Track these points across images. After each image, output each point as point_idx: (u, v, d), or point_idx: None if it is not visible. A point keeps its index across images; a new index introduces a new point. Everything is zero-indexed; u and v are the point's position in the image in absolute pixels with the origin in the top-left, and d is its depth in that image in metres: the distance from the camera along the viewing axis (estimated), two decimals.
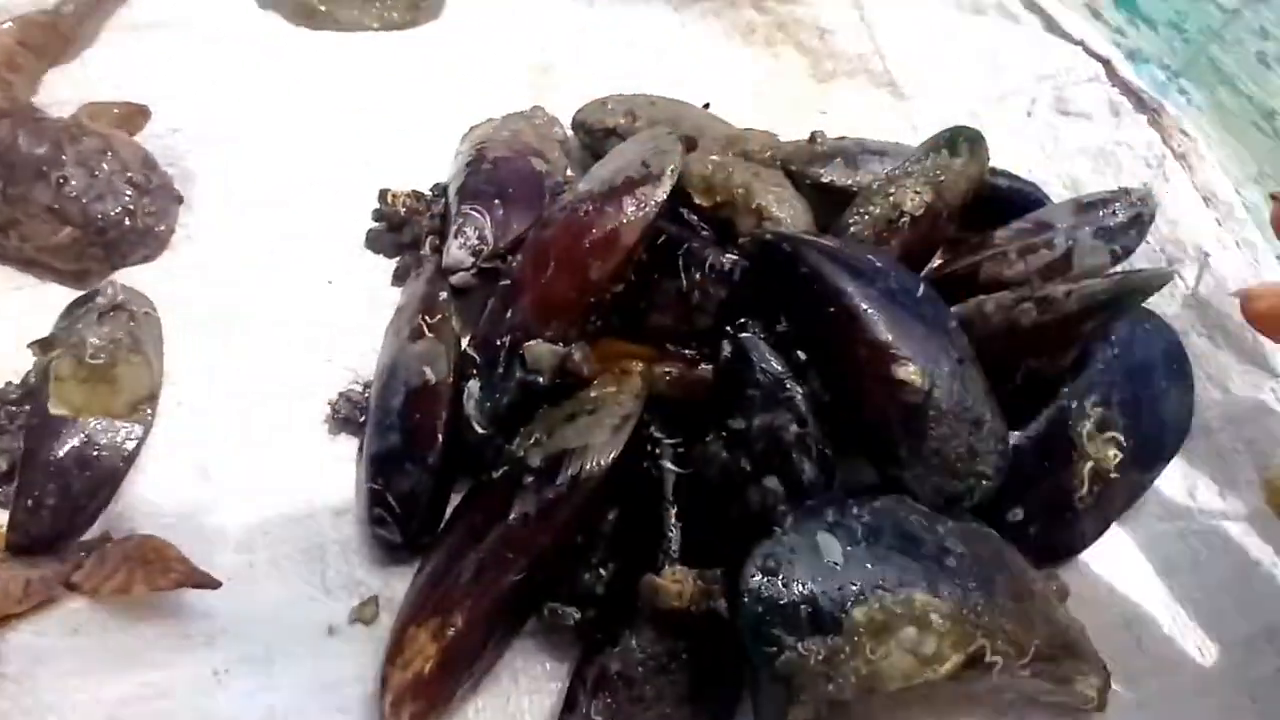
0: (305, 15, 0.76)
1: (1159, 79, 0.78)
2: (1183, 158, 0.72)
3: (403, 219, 0.64)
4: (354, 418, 0.59)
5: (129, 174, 0.64)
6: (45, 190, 0.62)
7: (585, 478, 0.49)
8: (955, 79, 0.75)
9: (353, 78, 0.74)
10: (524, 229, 0.60)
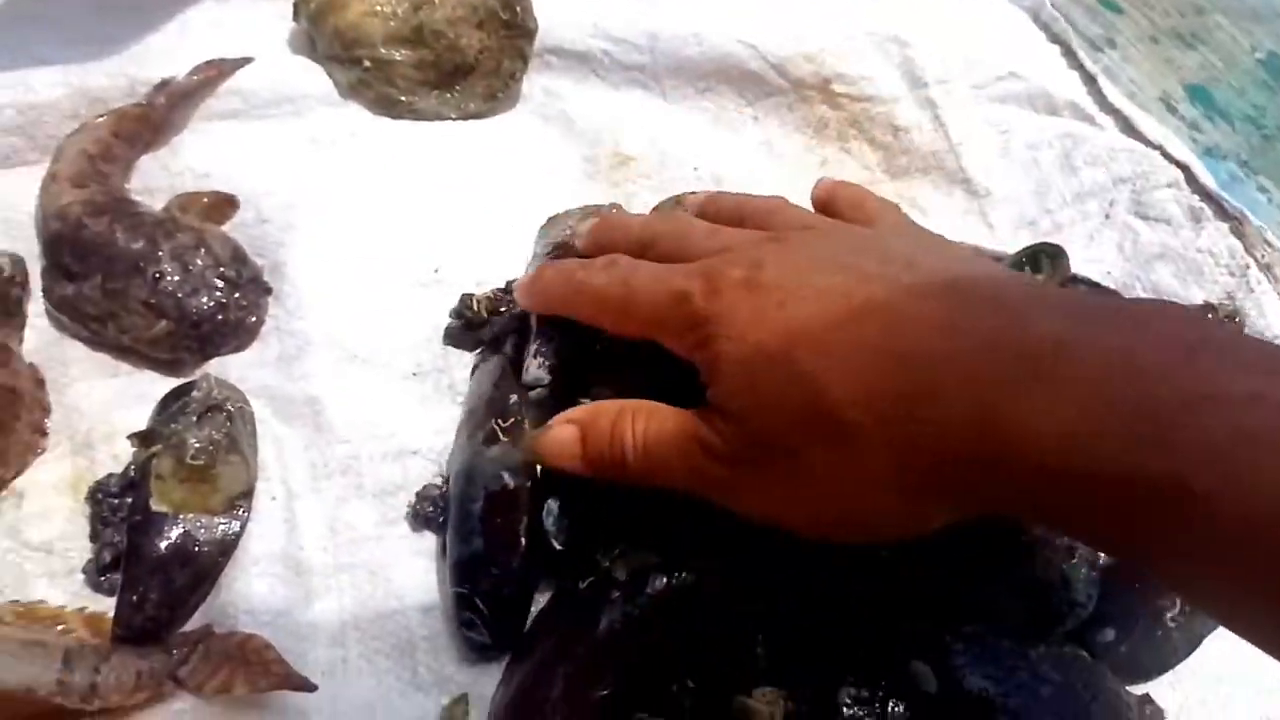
0: (386, 105, 0.78)
1: (1236, 174, 0.78)
2: (1267, 268, 0.71)
3: (483, 320, 0.66)
4: (434, 516, 0.60)
5: (221, 268, 0.66)
6: (142, 285, 0.64)
7: (677, 587, 0.50)
8: (1031, 179, 0.76)
9: (432, 168, 0.76)
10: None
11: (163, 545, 0.56)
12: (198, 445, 0.57)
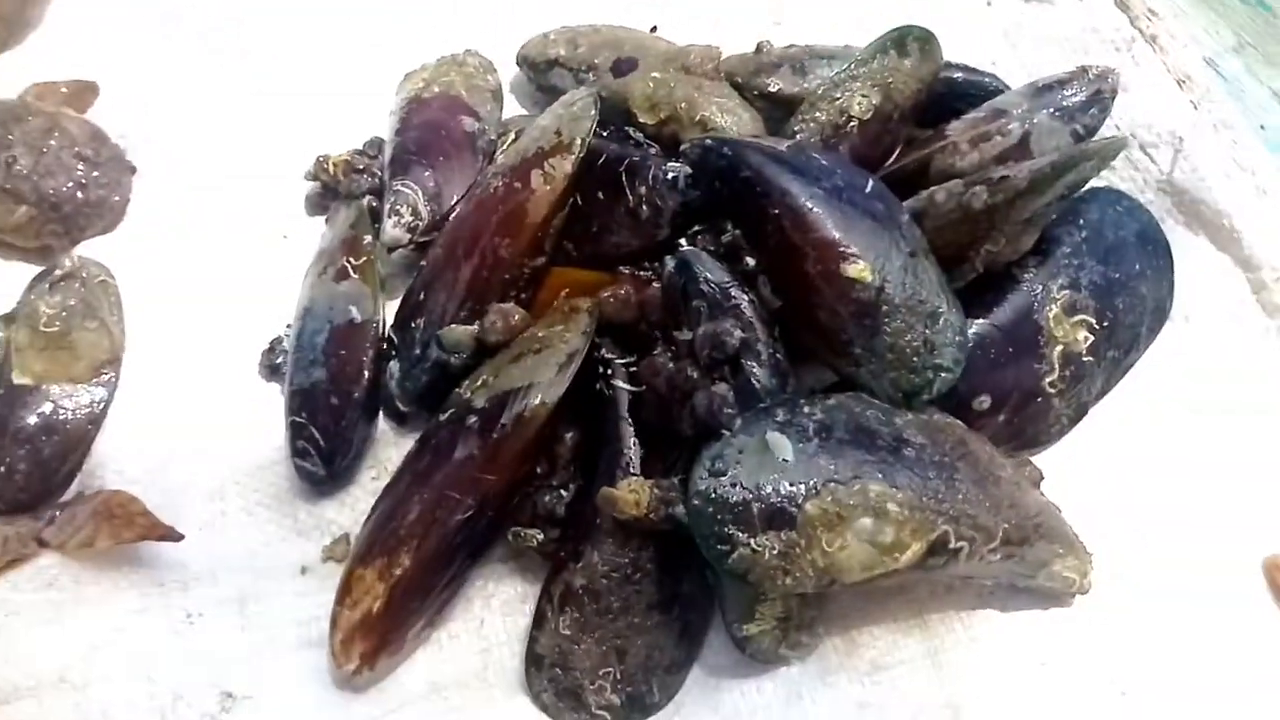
0: None
1: None
2: (1153, 39, 0.69)
3: (340, 182, 0.64)
4: (282, 366, 0.59)
5: (77, 149, 0.65)
6: None
7: (529, 415, 0.49)
8: None
9: (296, 31, 0.74)
10: (457, 199, 0.60)
11: (28, 416, 0.55)
12: (50, 312, 0.56)
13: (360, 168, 0.64)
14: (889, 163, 0.60)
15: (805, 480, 0.45)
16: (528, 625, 0.51)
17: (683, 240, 0.55)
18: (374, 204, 0.63)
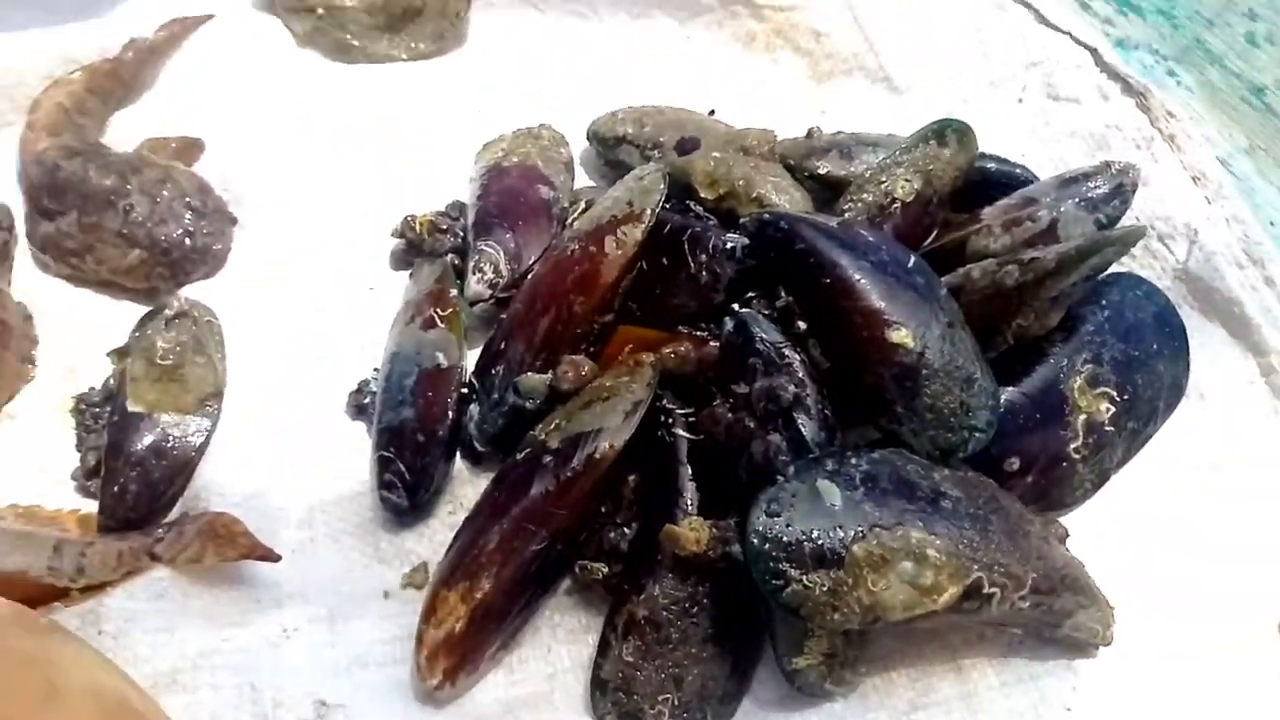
0: (341, 51, 0.83)
1: (1148, 64, 0.81)
2: (1171, 139, 0.75)
3: (424, 241, 0.70)
4: (368, 406, 0.64)
5: (187, 199, 0.71)
6: (114, 217, 0.69)
7: (599, 457, 0.54)
8: (947, 70, 0.79)
9: (383, 105, 0.80)
10: (534, 259, 0.67)
11: (140, 442, 0.60)
12: (165, 346, 0.62)
13: (444, 228, 0.70)
14: (928, 242, 0.66)
15: (852, 524, 0.49)
16: (590, 653, 0.55)
17: (736, 304, 0.60)
18: (456, 261, 0.69)
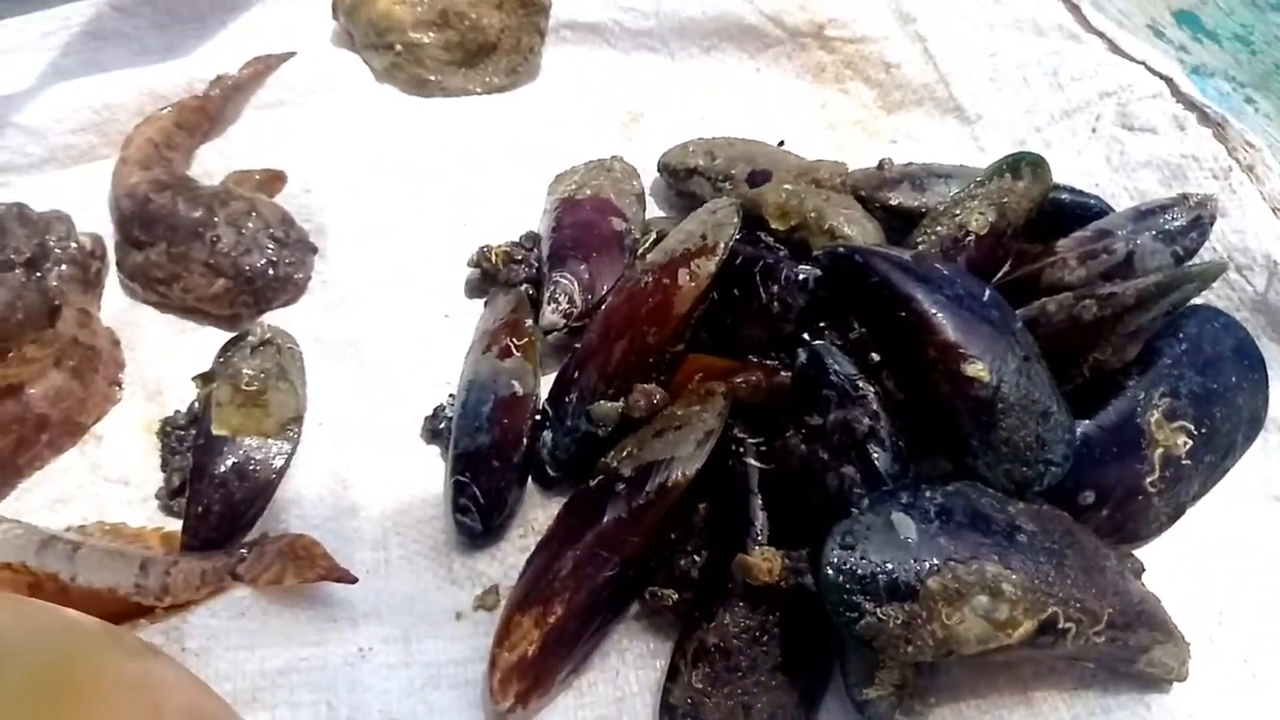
0: (418, 85, 0.85)
1: (1225, 91, 0.81)
2: (1249, 169, 0.73)
3: (499, 271, 0.72)
4: (444, 431, 0.66)
5: (271, 230, 0.73)
6: (201, 248, 0.72)
7: (672, 485, 0.55)
8: (1020, 100, 0.79)
9: (459, 138, 0.83)
10: (607, 290, 0.68)
11: (223, 464, 0.62)
12: (250, 373, 0.64)
13: (518, 258, 0.72)
14: (1002, 274, 0.66)
15: (927, 558, 0.49)
16: (658, 679, 0.56)
17: (806, 334, 0.60)
18: (530, 291, 0.70)
